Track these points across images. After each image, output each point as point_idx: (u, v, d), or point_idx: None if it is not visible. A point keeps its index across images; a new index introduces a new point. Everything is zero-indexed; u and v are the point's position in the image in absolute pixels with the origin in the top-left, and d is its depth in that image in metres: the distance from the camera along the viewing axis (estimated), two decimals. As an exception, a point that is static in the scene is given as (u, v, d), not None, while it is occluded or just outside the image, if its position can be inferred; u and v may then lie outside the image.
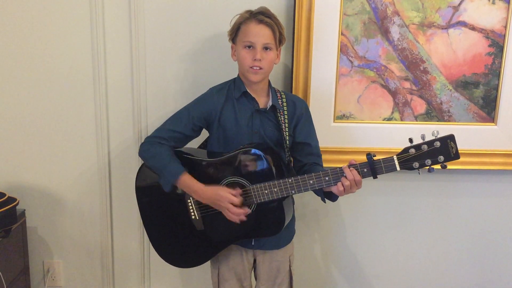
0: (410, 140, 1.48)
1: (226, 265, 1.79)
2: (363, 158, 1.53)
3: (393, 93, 2.03)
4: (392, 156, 1.50)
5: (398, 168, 1.49)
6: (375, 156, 1.51)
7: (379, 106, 2.04)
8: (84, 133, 2.08)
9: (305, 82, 1.98)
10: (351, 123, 2.04)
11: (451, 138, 1.46)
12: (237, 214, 1.59)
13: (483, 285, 2.29)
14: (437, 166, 1.49)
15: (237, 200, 1.59)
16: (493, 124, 2.05)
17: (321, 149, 1.99)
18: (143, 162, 1.77)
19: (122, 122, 2.08)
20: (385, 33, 1.97)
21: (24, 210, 2.09)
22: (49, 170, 2.12)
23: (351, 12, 1.95)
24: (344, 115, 2.04)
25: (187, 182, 1.64)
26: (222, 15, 1.92)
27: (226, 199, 1.59)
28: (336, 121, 2.04)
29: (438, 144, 1.46)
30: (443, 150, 1.46)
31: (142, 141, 1.75)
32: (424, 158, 1.47)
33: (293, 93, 1.98)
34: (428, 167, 1.48)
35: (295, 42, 1.94)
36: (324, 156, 2.00)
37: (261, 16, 1.63)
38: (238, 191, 1.60)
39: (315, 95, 1.99)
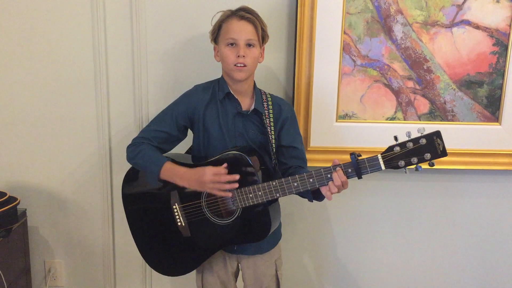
0: (395, 138, 1.40)
1: (209, 270, 1.77)
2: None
3: (396, 93, 2.01)
4: (377, 155, 1.43)
5: (383, 167, 1.42)
6: (360, 156, 1.45)
7: (382, 105, 2.02)
8: (85, 133, 2.08)
9: (307, 82, 1.97)
10: (354, 122, 2.03)
11: (437, 134, 1.38)
12: (224, 180, 1.52)
13: (489, 287, 2.27)
14: (425, 165, 1.42)
15: (221, 168, 1.52)
16: (497, 123, 2.04)
17: (323, 149, 2.00)
18: (126, 172, 1.75)
19: (123, 117, 2.07)
20: (388, 32, 1.96)
21: (25, 209, 2.09)
22: (50, 169, 2.12)
23: (354, 10, 1.93)
24: (346, 114, 2.03)
25: (170, 168, 1.60)
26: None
27: (210, 171, 1.52)
28: (338, 120, 2.02)
29: (424, 141, 1.38)
30: (430, 147, 1.38)
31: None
32: (410, 156, 1.39)
33: (296, 92, 1.97)
34: (415, 166, 1.41)
35: (298, 41, 1.92)
36: (326, 156, 2.00)
37: (242, 12, 1.61)
38: (224, 165, 1.54)
39: (318, 94, 1.97)
